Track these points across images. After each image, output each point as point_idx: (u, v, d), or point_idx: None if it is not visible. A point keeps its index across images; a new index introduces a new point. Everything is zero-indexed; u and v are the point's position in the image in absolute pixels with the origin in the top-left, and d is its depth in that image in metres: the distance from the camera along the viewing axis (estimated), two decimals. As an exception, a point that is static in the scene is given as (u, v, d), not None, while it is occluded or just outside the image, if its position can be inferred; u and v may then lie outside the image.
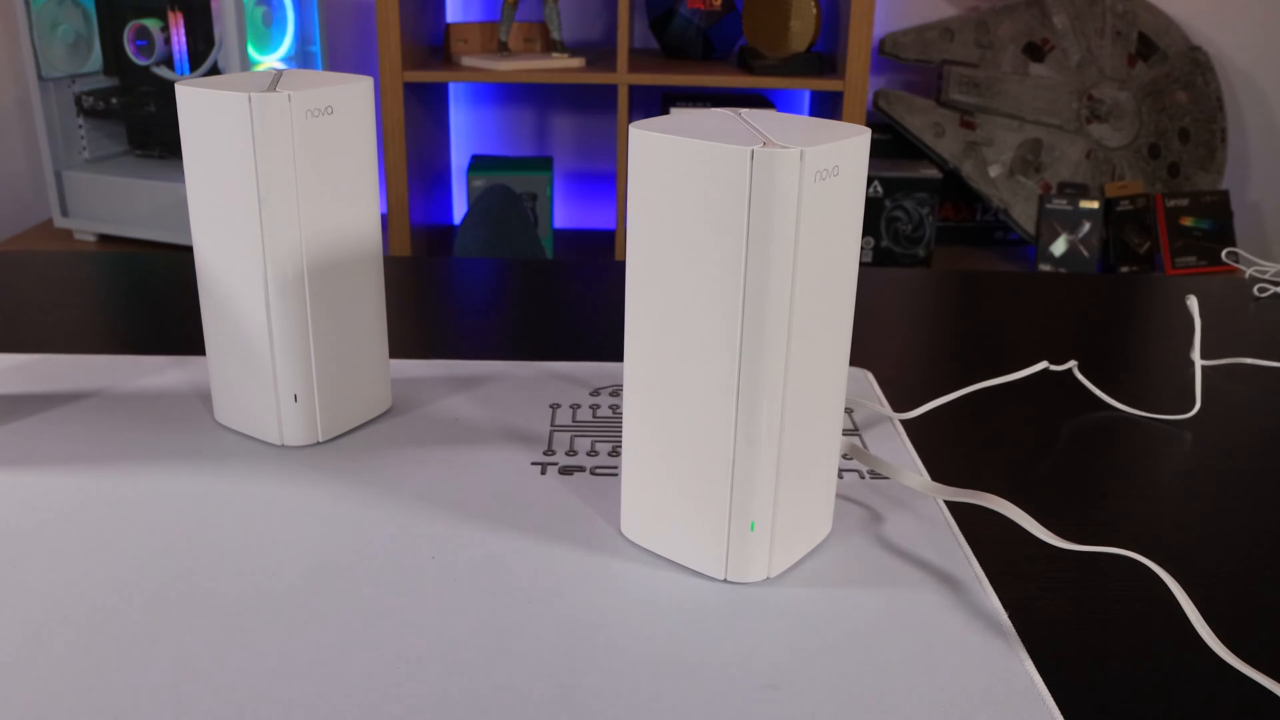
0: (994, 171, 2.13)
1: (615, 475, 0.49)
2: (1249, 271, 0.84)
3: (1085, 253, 2.10)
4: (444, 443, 0.51)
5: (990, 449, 0.54)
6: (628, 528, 0.43)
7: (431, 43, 2.13)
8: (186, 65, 1.92)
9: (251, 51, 1.92)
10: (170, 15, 1.85)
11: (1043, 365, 0.60)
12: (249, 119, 0.45)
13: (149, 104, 2.02)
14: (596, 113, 2.30)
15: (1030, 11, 2.14)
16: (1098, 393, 0.59)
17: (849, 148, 0.37)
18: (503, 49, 2.03)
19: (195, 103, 0.46)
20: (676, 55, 2.11)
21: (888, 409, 0.56)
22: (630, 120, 2.00)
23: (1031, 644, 0.39)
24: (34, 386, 0.56)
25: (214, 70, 1.92)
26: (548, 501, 0.46)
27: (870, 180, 2.08)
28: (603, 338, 0.67)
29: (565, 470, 0.49)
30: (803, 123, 0.39)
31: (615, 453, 0.51)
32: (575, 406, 0.56)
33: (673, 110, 2.00)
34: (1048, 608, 0.41)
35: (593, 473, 0.49)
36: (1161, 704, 0.36)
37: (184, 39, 1.87)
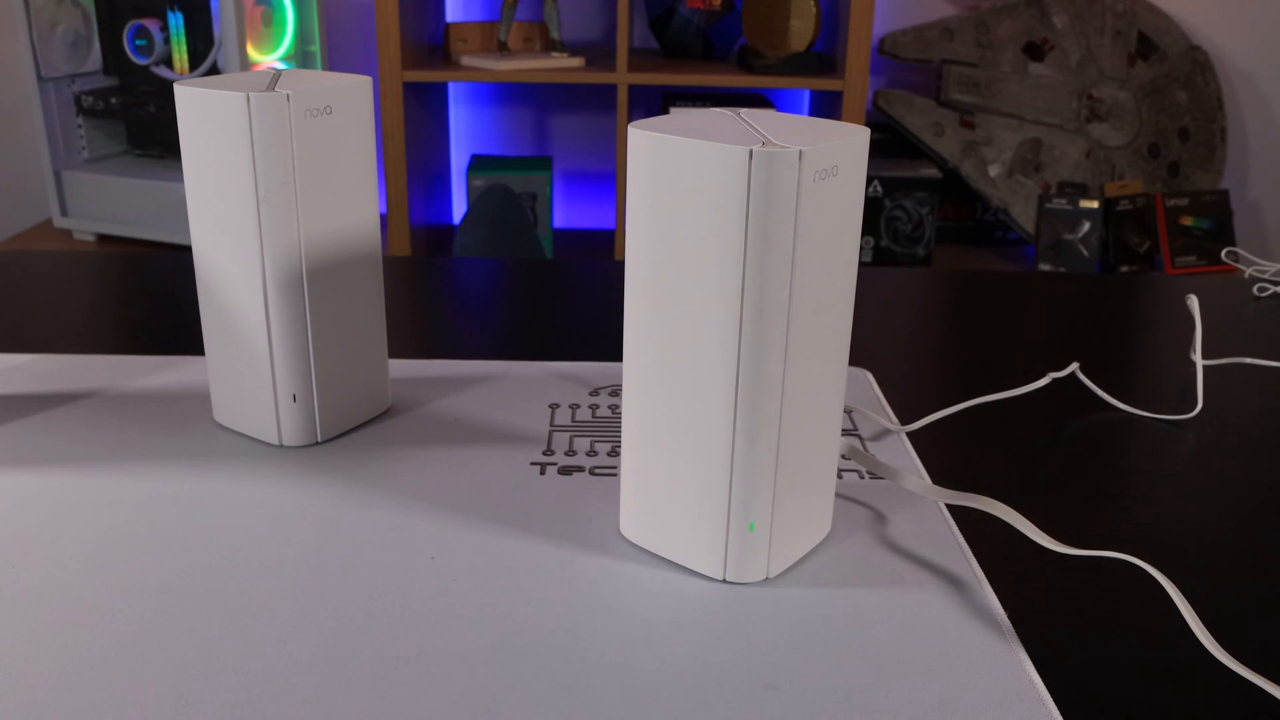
0: (994, 171, 2.13)
1: (615, 475, 0.49)
2: (1249, 271, 0.84)
3: (1085, 252, 2.10)
4: (443, 443, 0.51)
5: (991, 448, 0.54)
6: (627, 528, 0.43)
7: (431, 42, 2.13)
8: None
9: (251, 51, 1.92)
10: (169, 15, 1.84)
11: (1049, 378, 0.60)
12: (247, 119, 0.45)
13: (149, 104, 2.01)
14: (596, 112, 2.30)
15: (1030, 11, 2.14)
16: (1099, 393, 0.59)
17: (848, 147, 0.37)
18: (502, 49, 2.03)
19: (194, 103, 0.46)
20: (676, 55, 2.11)
21: (896, 425, 0.56)
22: (630, 120, 1.99)
23: (1031, 644, 0.39)
24: (34, 386, 0.56)
25: (214, 70, 1.92)
26: (547, 501, 0.46)
27: (870, 180, 2.08)
28: (603, 338, 0.67)
29: (565, 470, 0.49)
30: (802, 122, 0.39)
31: (615, 453, 0.51)
32: (575, 406, 0.56)
33: (672, 110, 2.00)
34: (1048, 608, 0.41)
35: (592, 473, 0.49)
36: (1160, 705, 0.36)
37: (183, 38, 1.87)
